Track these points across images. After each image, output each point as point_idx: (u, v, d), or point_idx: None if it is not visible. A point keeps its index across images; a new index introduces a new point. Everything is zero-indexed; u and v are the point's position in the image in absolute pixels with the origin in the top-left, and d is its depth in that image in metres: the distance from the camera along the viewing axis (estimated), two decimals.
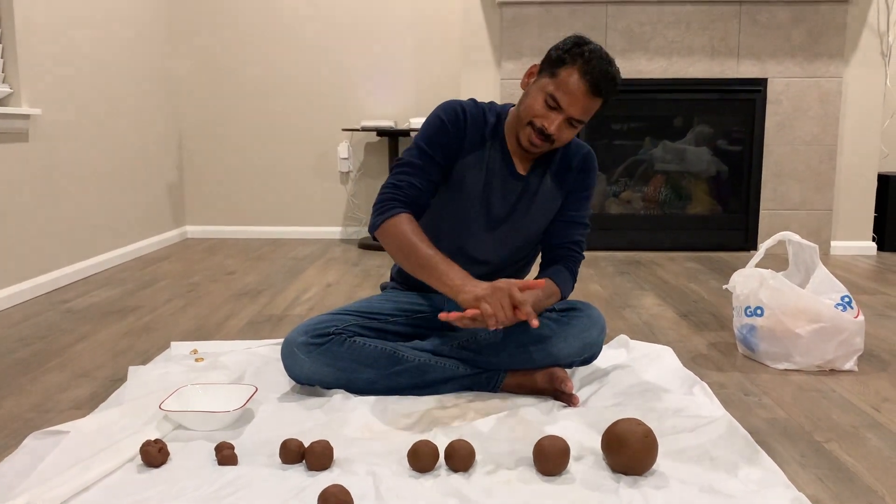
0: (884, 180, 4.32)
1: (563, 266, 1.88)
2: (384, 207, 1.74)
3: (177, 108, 4.70)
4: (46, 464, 1.46)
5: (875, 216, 4.32)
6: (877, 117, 4.16)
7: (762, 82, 4.11)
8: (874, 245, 4.25)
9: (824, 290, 2.14)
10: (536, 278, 1.85)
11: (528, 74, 1.79)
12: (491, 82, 4.15)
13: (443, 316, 1.53)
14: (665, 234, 4.28)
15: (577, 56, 1.68)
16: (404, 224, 1.71)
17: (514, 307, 1.54)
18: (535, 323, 1.52)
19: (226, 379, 1.96)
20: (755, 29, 4.07)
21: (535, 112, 1.72)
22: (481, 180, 1.83)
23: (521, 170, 1.86)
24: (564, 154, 1.89)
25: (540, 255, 1.97)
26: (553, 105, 1.70)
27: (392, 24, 4.62)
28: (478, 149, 1.83)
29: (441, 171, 1.81)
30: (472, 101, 1.85)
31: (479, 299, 1.54)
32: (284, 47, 4.66)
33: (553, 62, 1.71)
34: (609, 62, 1.69)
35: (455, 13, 4.58)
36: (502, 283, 1.56)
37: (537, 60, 4.06)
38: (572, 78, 1.67)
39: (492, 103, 1.89)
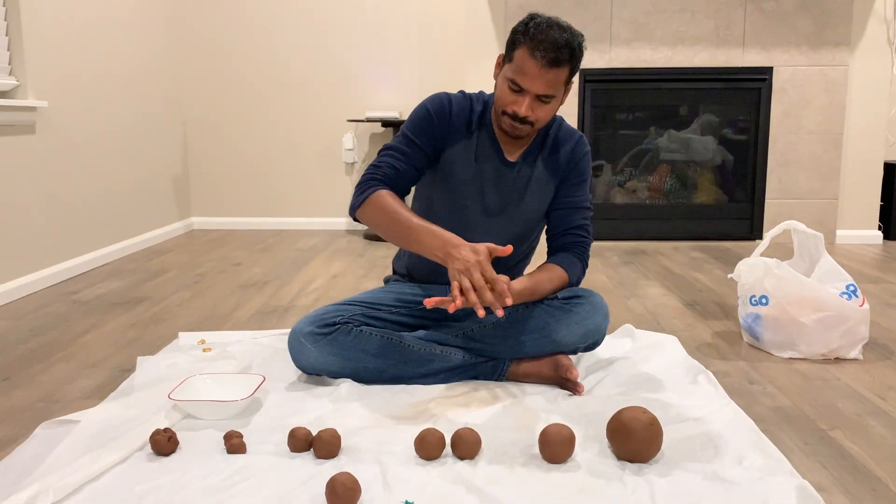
0: (890, 169, 4.31)
1: (569, 253, 1.88)
2: (363, 187, 1.78)
3: (182, 100, 4.71)
4: (57, 453, 1.48)
5: (881, 205, 4.31)
6: (883, 106, 4.14)
7: (767, 71, 4.10)
8: (880, 234, 4.25)
9: (829, 279, 2.14)
10: (543, 264, 1.86)
11: (497, 64, 1.80)
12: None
13: (427, 302, 1.53)
14: (670, 223, 4.27)
15: (524, 34, 1.67)
16: (384, 197, 1.73)
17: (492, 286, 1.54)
18: (499, 312, 1.52)
19: (234, 369, 1.97)
20: (760, 17, 4.06)
21: (504, 101, 1.74)
22: (472, 169, 1.85)
23: (510, 156, 1.87)
24: (555, 140, 1.89)
25: (546, 244, 1.97)
26: (516, 89, 1.70)
27: (397, 14, 4.62)
28: (465, 138, 1.85)
29: (425, 158, 1.83)
30: (461, 92, 1.88)
31: (455, 277, 1.54)
32: (289, 39, 4.66)
33: (509, 46, 1.72)
34: (561, 29, 1.66)
35: (459, 3, 4.57)
36: (480, 253, 1.55)
37: None
38: (525, 58, 1.67)
39: (481, 92, 1.90)
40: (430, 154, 1.84)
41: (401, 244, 1.71)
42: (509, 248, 1.57)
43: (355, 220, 1.80)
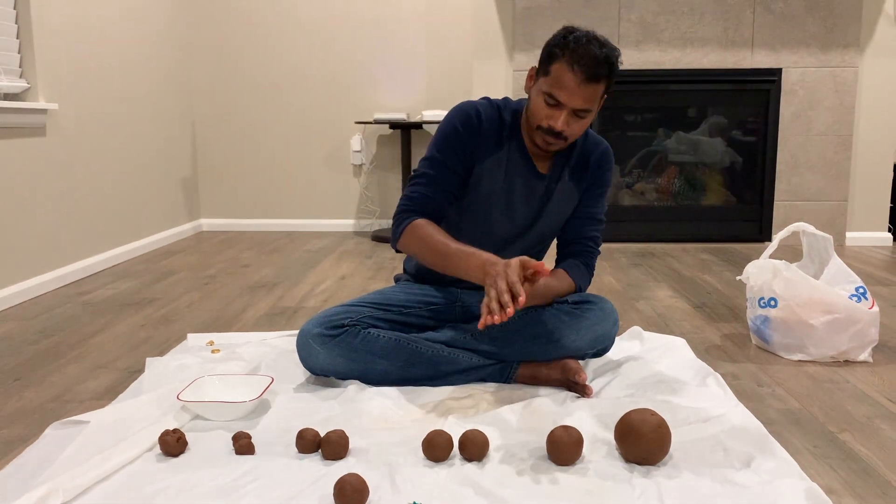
0: None
1: (578, 260, 1.89)
2: (399, 220, 1.78)
3: (191, 102, 4.73)
4: (67, 453, 1.48)
5: (891, 207, 4.29)
6: (893, 107, 4.12)
7: (777, 72, 4.08)
8: (890, 236, 4.22)
9: (839, 281, 2.13)
10: (553, 270, 1.86)
11: (529, 77, 1.78)
12: (503, 74, 4.15)
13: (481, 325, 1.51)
14: (679, 225, 4.26)
15: (563, 48, 1.65)
16: (420, 227, 1.73)
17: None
18: (521, 301, 1.48)
19: (242, 370, 1.98)
20: (769, 18, 4.05)
21: (539, 115, 1.71)
22: (502, 182, 1.83)
23: (542, 169, 1.85)
24: (582, 151, 1.88)
25: (556, 249, 1.97)
26: (553, 103, 1.68)
27: (404, 16, 4.63)
28: (496, 151, 1.82)
29: (458, 178, 1.81)
30: (486, 100, 1.84)
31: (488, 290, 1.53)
32: (297, 41, 4.68)
33: (545, 60, 1.70)
34: (600, 44, 1.64)
35: (467, 4, 4.57)
36: (510, 264, 1.53)
37: None
38: (564, 72, 1.64)
39: (506, 100, 1.87)
40: (461, 173, 1.80)
41: (442, 270, 1.70)
42: (542, 264, 1.54)
43: (398, 251, 1.80)
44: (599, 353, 1.92)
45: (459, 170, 1.80)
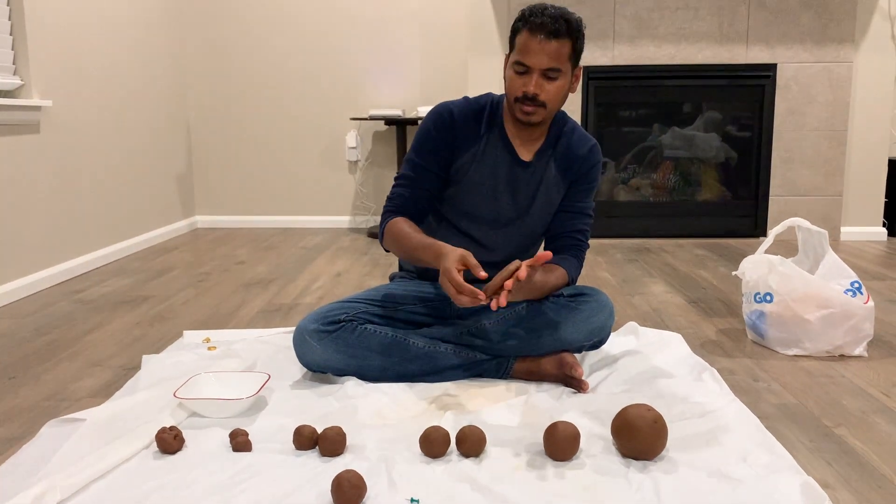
0: (894, 165, 4.29)
1: (568, 254, 1.90)
2: (381, 221, 1.87)
3: (186, 99, 4.71)
4: (64, 451, 1.48)
5: (886, 201, 4.30)
6: (888, 102, 4.13)
7: (771, 68, 4.09)
8: (884, 231, 4.24)
9: (834, 276, 2.14)
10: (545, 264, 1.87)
11: (505, 64, 1.83)
12: (498, 70, 4.14)
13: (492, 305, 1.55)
14: (674, 220, 4.27)
15: (521, 21, 1.74)
16: (396, 225, 1.81)
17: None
18: (493, 304, 1.54)
19: (239, 367, 1.98)
20: (764, 14, 4.05)
21: (514, 86, 1.76)
22: (485, 172, 1.85)
23: (524, 156, 1.87)
24: (568, 142, 1.89)
25: (545, 244, 1.98)
26: (522, 70, 1.74)
27: (400, 12, 4.62)
28: (475, 143, 1.86)
29: (434, 177, 1.86)
30: (465, 98, 1.88)
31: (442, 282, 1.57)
32: (292, 37, 4.66)
33: (511, 39, 1.79)
34: (555, 7, 1.73)
35: (462, 1, 4.56)
36: (449, 270, 1.56)
37: None
38: (526, 38, 1.72)
39: (488, 94, 1.91)
40: (438, 172, 1.86)
41: (417, 264, 1.76)
42: (484, 275, 1.56)
43: (387, 250, 1.88)
44: (596, 345, 1.92)
45: (436, 169, 1.86)
